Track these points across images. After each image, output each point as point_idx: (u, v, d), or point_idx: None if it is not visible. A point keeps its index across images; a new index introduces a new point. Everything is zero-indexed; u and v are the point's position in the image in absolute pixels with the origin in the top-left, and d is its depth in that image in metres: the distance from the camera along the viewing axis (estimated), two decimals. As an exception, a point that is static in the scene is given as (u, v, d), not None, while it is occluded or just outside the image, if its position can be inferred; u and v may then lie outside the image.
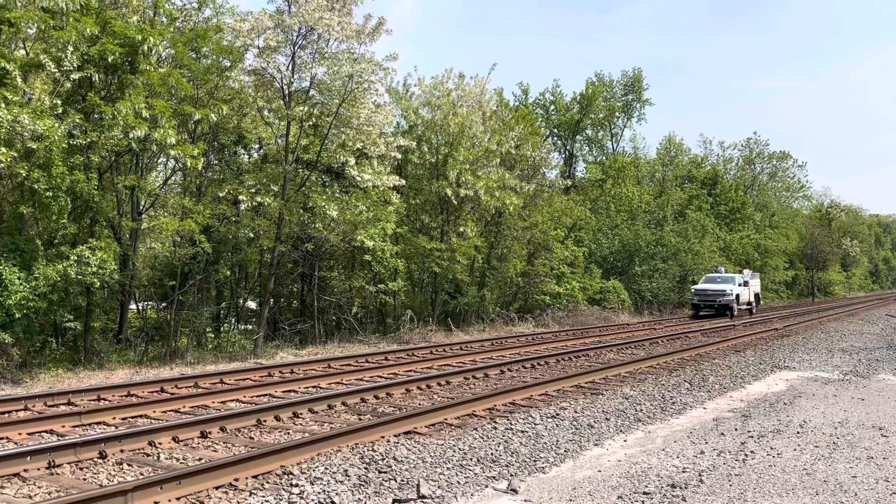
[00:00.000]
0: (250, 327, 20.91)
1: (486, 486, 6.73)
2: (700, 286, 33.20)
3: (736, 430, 9.08)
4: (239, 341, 18.27)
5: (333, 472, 6.63)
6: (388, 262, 21.28)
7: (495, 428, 8.71)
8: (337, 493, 6.11)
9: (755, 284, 36.52)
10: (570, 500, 6.27)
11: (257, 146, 21.15)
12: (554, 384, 11.69)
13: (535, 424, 9.01)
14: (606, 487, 6.64)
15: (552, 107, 45.81)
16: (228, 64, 17.19)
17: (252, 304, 22.82)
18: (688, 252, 36.84)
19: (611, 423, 9.40)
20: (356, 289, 21.40)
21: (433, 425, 8.75)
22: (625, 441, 8.60)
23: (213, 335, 19.24)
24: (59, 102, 14.11)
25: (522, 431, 8.62)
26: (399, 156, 21.04)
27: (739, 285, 32.81)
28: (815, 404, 10.83)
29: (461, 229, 23.70)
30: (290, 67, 18.04)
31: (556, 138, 46.18)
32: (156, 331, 17.79)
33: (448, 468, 7.08)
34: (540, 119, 40.85)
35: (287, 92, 18.18)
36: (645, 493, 6.40)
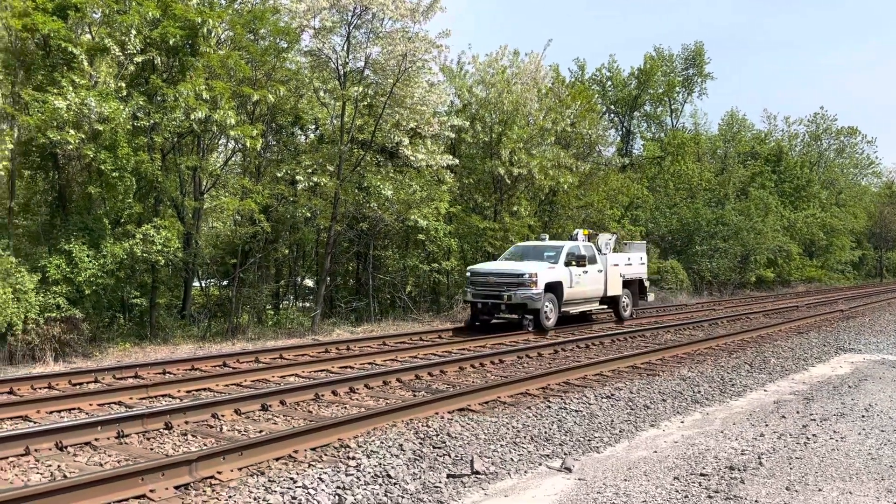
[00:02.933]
0: (308, 304, 21.31)
1: (540, 465, 6.74)
2: (484, 265, 17.81)
3: (798, 412, 8.85)
4: (297, 318, 18.65)
5: (389, 447, 6.74)
6: (441, 241, 21.34)
7: (549, 407, 8.69)
8: (393, 467, 6.21)
9: (629, 263, 19.82)
10: (626, 480, 6.23)
11: (313, 127, 21.39)
12: (608, 364, 11.59)
13: (590, 404, 8.96)
14: (663, 468, 6.57)
15: (609, 83, 44.88)
16: (285, 45, 17.40)
17: (309, 282, 23.23)
18: (750, 231, 35.78)
19: (667, 405, 9.28)
20: (410, 268, 21.54)
21: (486, 403, 8.79)
22: (682, 422, 8.49)
23: (272, 312, 19.68)
24: (124, 85, 14.54)
25: (576, 411, 8.59)
26: (452, 135, 20.99)
27: (568, 264, 17.17)
28: (882, 388, 10.45)
29: (514, 208, 23.56)
30: (346, 48, 18.15)
31: (612, 115, 45.27)
32: (218, 307, 18.32)
33: (501, 445, 7.12)
34: (596, 95, 40.07)
35: (342, 72, 18.31)
36: (702, 475, 6.31)
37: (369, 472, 6.07)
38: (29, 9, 13.57)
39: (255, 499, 5.37)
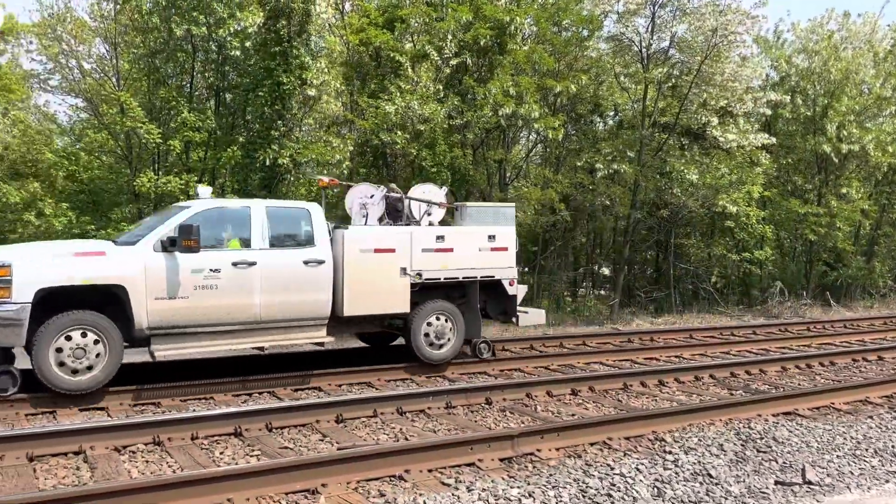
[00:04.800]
0: (604, 293, 21.24)
1: (887, 482, 5.93)
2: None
3: None
4: (595, 306, 18.71)
5: (708, 445, 6.44)
6: (753, 228, 19.72)
7: (897, 419, 7.56)
8: (713, 467, 5.92)
9: (443, 248, 9.59)
10: None
11: (612, 113, 21.17)
12: (976, 375, 9.70)
13: (953, 420, 7.59)
14: None
15: (968, 37, 37.26)
16: (587, 34, 17.44)
17: (606, 271, 23.13)
18: None
19: None
20: (716, 257, 20.28)
21: (817, 408, 7.93)
22: None
23: (569, 299, 20.00)
24: (441, 87, 15.82)
25: (935, 426, 7.34)
26: (768, 111, 19.21)
27: (170, 245, 7.78)
28: None
29: (843, 191, 20.83)
30: (650, 29, 17.64)
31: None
32: (522, 292, 19.12)
33: (838, 456, 6.38)
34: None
35: (645, 55, 17.83)
36: None
37: (688, 469, 5.87)
38: (364, 24, 15.47)
39: (574, 480, 5.50)
